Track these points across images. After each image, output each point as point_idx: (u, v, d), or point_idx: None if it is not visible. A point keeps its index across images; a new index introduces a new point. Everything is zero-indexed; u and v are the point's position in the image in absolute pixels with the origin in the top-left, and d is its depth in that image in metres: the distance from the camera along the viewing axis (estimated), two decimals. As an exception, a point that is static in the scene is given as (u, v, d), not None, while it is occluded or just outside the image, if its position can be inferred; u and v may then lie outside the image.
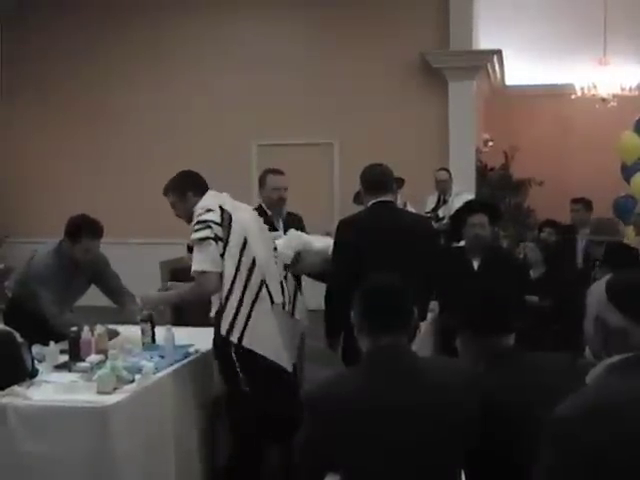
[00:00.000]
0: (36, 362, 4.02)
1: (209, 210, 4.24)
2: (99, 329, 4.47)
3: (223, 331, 4.19)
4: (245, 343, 4.18)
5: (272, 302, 4.31)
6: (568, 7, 11.28)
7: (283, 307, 4.42)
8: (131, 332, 4.73)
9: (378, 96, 10.98)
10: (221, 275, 4.18)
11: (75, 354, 4.26)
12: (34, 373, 3.92)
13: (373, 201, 4.68)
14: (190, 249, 4.32)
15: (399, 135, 10.77)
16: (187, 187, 4.44)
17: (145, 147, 11.55)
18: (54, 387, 3.82)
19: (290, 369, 4.44)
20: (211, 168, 10.69)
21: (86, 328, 4.37)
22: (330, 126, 11.08)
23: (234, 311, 4.18)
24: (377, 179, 4.74)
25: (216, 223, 4.19)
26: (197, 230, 4.19)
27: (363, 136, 10.83)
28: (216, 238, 4.16)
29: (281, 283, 4.46)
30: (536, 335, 4.71)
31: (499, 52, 11.71)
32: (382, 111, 10.92)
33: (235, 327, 4.18)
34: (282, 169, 5.85)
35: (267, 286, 4.29)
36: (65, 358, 4.28)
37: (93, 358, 4.16)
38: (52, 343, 4.29)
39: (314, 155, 11.10)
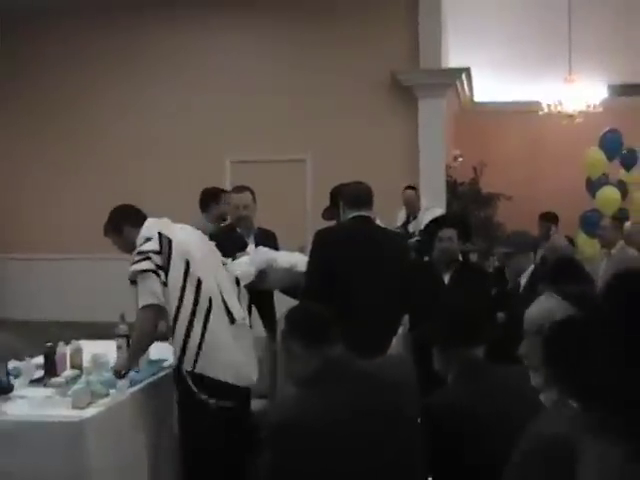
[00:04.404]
0: (11, 377, 4.00)
1: (147, 239, 4.13)
2: (74, 344, 4.45)
3: (175, 360, 4.11)
4: (198, 369, 4.06)
5: (233, 320, 4.20)
6: (534, 27, 11.45)
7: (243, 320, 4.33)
8: (106, 347, 4.70)
9: (350, 113, 11.04)
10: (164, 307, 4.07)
11: (50, 369, 4.23)
12: (9, 388, 3.90)
13: (353, 214, 4.71)
14: (133, 282, 4.13)
15: (370, 151, 10.81)
16: (122, 222, 4.34)
17: (123, 167, 11.51)
18: (29, 402, 3.80)
19: (251, 383, 4.30)
20: (185, 184, 10.86)
21: (61, 343, 4.36)
22: (303, 142, 11.11)
23: (183, 338, 4.06)
24: (360, 194, 4.77)
25: (155, 252, 4.07)
26: (136, 262, 4.08)
27: (335, 152, 10.87)
28: (157, 268, 4.05)
29: (237, 298, 4.38)
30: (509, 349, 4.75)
31: (468, 70, 11.83)
32: (354, 128, 10.97)
33: (187, 355, 4.06)
34: (255, 184, 5.83)
35: (225, 303, 4.19)
36: (41, 373, 4.25)
37: (68, 373, 4.15)
38: (27, 358, 4.29)
39: (287, 171, 11.12)
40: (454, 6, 11.12)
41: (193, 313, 4.08)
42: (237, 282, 4.52)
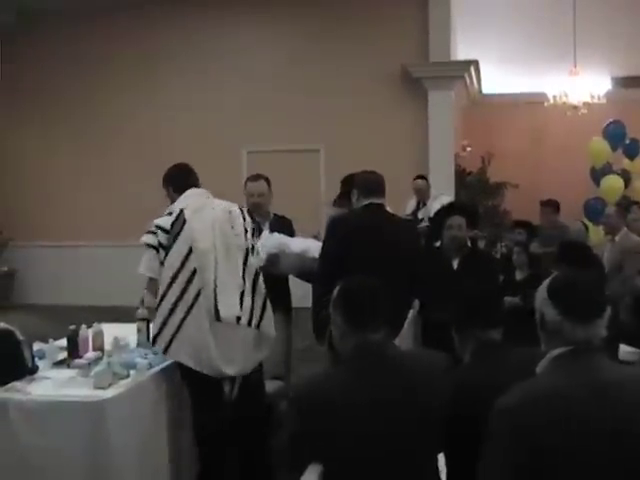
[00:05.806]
0: (36, 359, 3.99)
1: (169, 213, 4.09)
2: (96, 327, 4.43)
3: (150, 338, 4.04)
4: (170, 354, 3.97)
5: (219, 318, 3.95)
6: (541, 22, 11.34)
7: (238, 321, 4.01)
8: (127, 330, 4.68)
9: (362, 105, 11.00)
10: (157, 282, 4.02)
11: (73, 351, 4.22)
12: (34, 369, 3.89)
13: (367, 202, 4.66)
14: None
15: (382, 141, 10.78)
16: (168, 182, 4.37)
17: (141, 154, 11.52)
18: (53, 383, 3.80)
19: (220, 375, 4.00)
20: (203, 174, 10.78)
21: (83, 326, 4.34)
22: (316, 134, 11.10)
23: (162, 319, 3.94)
24: (372, 182, 4.73)
25: (164, 230, 4.00)
26: (146, 232, 4.07)
27: (348, 142, 10.84)
28: (159, 245, 4.00)
29: (241, 295, 4.06)
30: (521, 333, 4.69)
31: (476, 62, 11.73)
32: (366, 119, 10.95)
33: (162, 336, 3.95)
34: (271, 174, 5.75)
35: (216, 299, 3.95)
36: (64, 355, 4.24)
37: (90, 355, 4.13)
38: (51, 340, 4.27)
39: (301, 160, 11.09)
40: (463, 1, 11.02)
41: (177, 301, 3.92)
42: (255, 278, 4.19)
